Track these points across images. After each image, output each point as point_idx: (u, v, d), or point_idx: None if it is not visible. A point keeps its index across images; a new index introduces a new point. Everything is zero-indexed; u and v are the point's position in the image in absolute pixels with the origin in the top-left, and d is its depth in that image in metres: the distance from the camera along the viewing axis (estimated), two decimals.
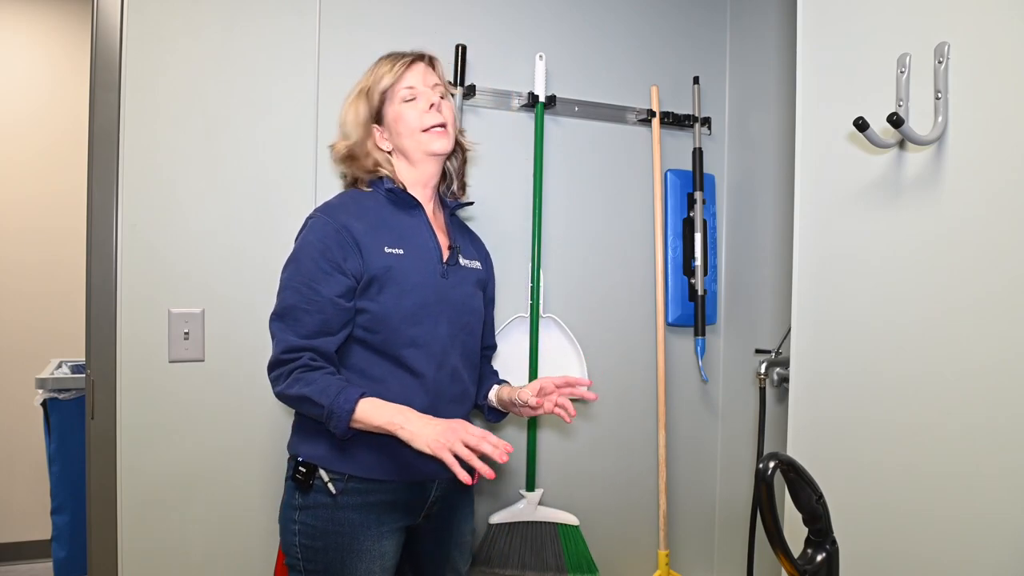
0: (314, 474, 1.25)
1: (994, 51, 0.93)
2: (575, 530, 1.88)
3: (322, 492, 1.25)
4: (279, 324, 1.24)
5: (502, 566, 1.80)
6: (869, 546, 1.09)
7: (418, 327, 1.28)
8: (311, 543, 1.25)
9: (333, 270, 1.24)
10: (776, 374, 1.84)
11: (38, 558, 3.04)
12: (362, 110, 1.36)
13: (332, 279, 1.23)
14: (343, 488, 1.25)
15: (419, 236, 1.34)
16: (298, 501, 1.26)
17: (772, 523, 0.74)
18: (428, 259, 1.32)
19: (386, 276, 1.26)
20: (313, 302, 1.22)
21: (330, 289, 1.23)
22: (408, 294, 1.27)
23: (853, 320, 1.13)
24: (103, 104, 1.54)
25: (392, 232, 1.31)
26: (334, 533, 1.24)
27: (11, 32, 3.08)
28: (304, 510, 1.26)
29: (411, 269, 1.29)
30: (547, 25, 1.94)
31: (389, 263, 1.27)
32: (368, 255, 1.26)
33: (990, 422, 0.93)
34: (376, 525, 1.26)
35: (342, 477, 1.25)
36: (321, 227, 1.26)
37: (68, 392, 2.24)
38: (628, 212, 2.05)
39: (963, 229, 0.96)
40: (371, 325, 1.26)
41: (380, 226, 1.30)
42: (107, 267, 1.55)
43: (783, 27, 1.98)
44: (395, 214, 1.34)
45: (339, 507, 1.25)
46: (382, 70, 1.35)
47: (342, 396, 1.18)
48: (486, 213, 1.87)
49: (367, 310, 1.26)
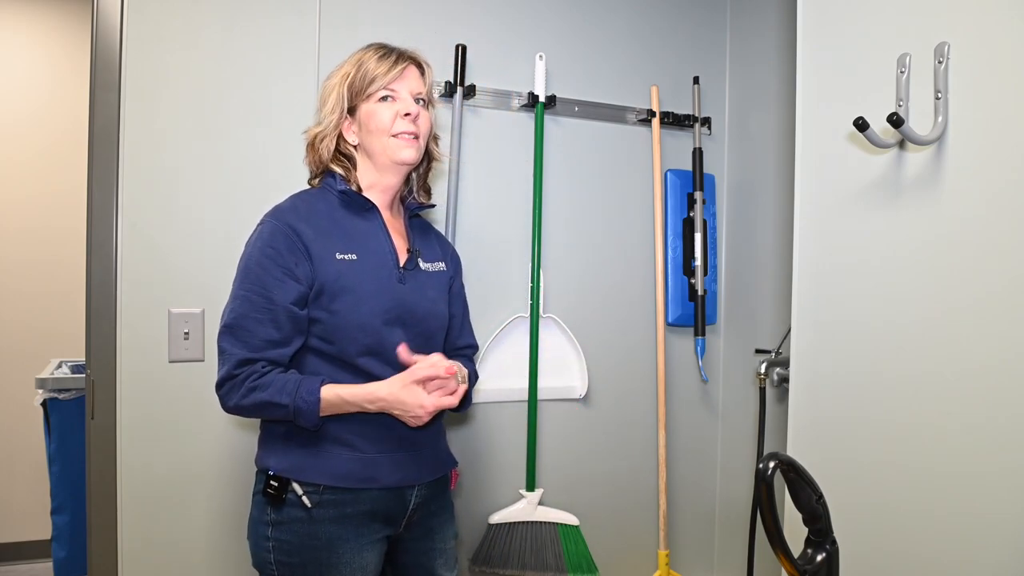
0: (286, 487, 1.20)
1: (994, 51, 0.93)
2: (575, 530, 1.88)
3: (296, 506, 1.20)
4: (229, 338, 1.17)
5: (502, 566, 1.80)
6: (869, 546, 1.09)
7: (375, 335, 1.23)
8: (287, 559, 1.20)
9: (285, 276, 1.18)
10: (776, 374, 1.84)
11: (38, 558, 3.04)
12: (341, 97, 1.28)
13: (285, 285, 1.18)
14: (318, 500, 1.20)
15: (373, 240, 1.28)
16: (270, 516, 1.21)
17: (772, 523, 0.74)
18: (383, 264, 1.27)
19: (337, 284, 1.21)
20: (265, 310, 1.17)
21: (283, 296, 1.18)
22: (363, 302, 1.22)
23: (853, 320, 1.13)
24: (103, 104, 1.54)
25: (344, 237, 1.25)
26: (311, 548, 1.19)
27: (11, 32, 3.08)
28: (278, 526, 1.20)
29: (365, 275, 1.23)
30: (547, 25, 1.94)
31: (340, 270, 1.21)
32: (318, 262, 1.21)
33: (990, 422, 0.93)
34: (355, 537, 1.22)
35: (316, 489, 1.20)
36: (270, 232, 1.21)
37: (68, 392, 2.24)
38: (628, 212, 2.05)
39: (963, 229, 0.96)
40: (325, 335, 1.22)
41: (331, 230, 1.24)
42: (107, 267, 1.55)
43: (783, 27, 1.98)
44: (348, 217, 1.28)
45: (315, 520, 1.20)
46: (371, 64, 1.27)
47: (303, 389, 1.16)
48: (486, 213, 1.87)
49: (320, 320, 1.21)
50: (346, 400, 1.19)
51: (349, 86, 1.28)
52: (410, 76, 1.31)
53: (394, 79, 1.28)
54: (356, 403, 1.19)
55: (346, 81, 1.28)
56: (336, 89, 1.29)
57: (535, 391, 1.88)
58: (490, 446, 1.89)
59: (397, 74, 1.28)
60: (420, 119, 1.30)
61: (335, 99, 1.29)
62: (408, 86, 1.30)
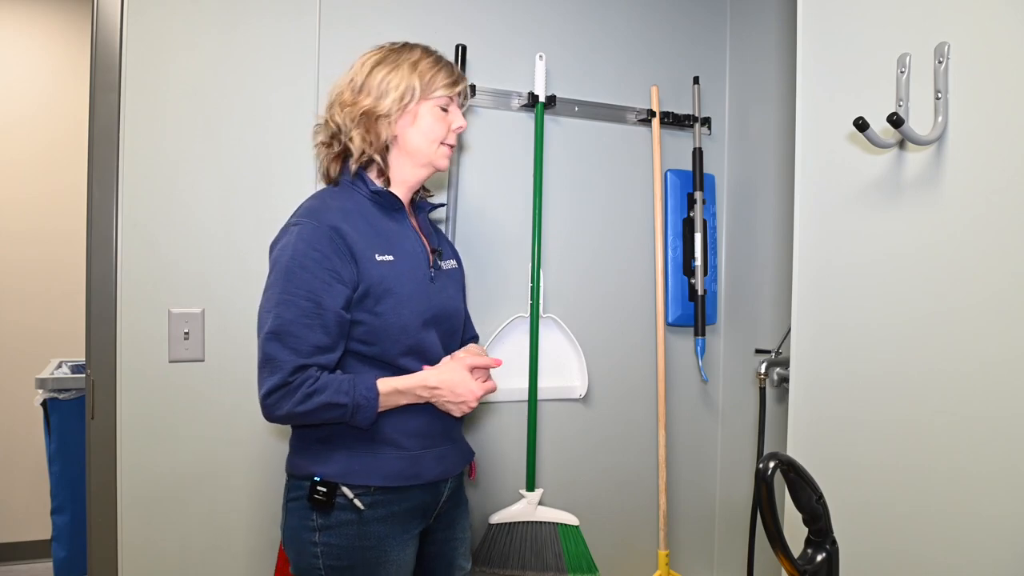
0: (335, 492, 1.20)
1: (994, 51, 0.93)
2: (575, 530, 1.88)
3: (347, 509, 1.20)
4: (276, 345, 1.14)
5: (502, 566, 1.80)
6: (869, 546, 1.09)
7: (415, 336, 1.25)
8: (337, 563, 1.20)
9: (333, 280, 1.17)
10: (776, 374, 1.84)
11: (38, 558, 3.04)
12: (413, 88, 1.26)
13: (333, 290, 1.17)
14: (370, 501, 1.21)
15: (407, 241, 1.29)
16: (317, 522, 1.20)
17: (772, 523, 0.74)
18: (417, 265, 1.29)
19: (381, 287, 1.21)
20: (315, 316, 1.15)
21: (333, 300, 1.16)
22: (404, 304, 1.23)
23: (853, 320, 1.13)
24: (103, 104, 1.54)
25: (380, 238, 1.25)
26: (361, 548, 1.20)
27: (11, 32, 3.08)
28: (326, 531, 1.20)
29: (403, 277, 1.24)
30: (547, 25, 1.94)
31: (383, 272, 1.22)
32: (362, 264, 1.20)
33: (990, 422, 0.93)
34: (400, 533, 1.24)
35: (368, 490, 1.21)
36: (311, 233, 1.18)
37: (68, 392, 2.24)
38: (628, 212, 2.05)
39: (963, 229, 0.96)
40: (367, 337, 1.22)
41: (368, 232, 1.24)
42: (107, 267, 1.55)
43: (783, 27, 1.98)
44: (380, 218, 1.28)
45: (365, 522, 1.21)
46: (439, 73, 1.29)
47: (360, 386, 1.17)
48: (486, 213, 1.87)
49: (364, 323, 1.21)
50: (400, 391, 1.21)
51: (419, 82, 1.28)
52: (462, 95, 1.37)
53: (456, 87, 1.33)
54: (410, 392, 1.22)
55: (415, 74, 1.27)
56: (408, 80, 1.27)
57: (535, 391, 1.88)
58: (490, 446, 1.89)
59: (460, 91, 1.34)
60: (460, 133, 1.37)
61: (405, 88, 1.26)
62: (460, 103, 1.37)
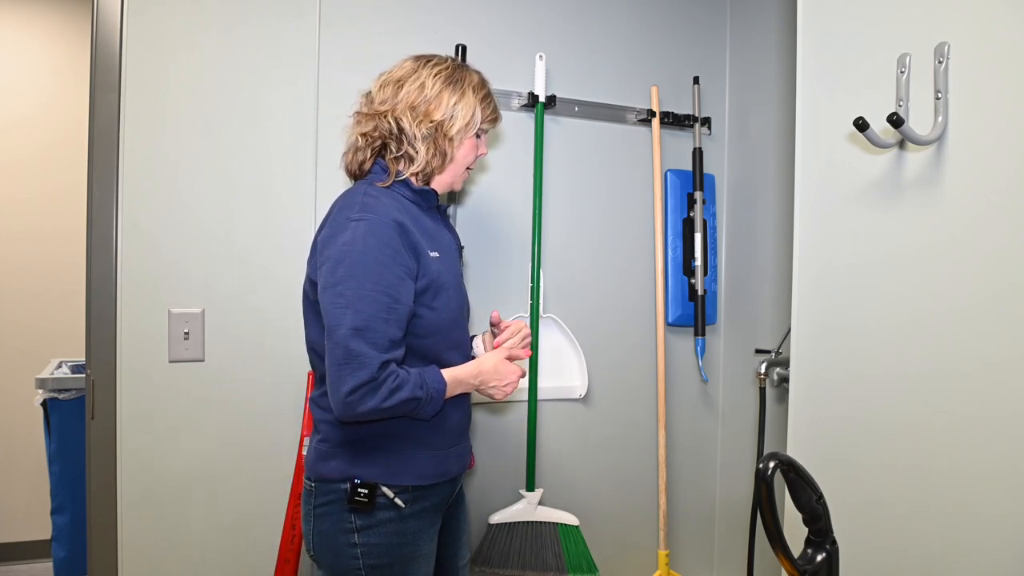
0: (375, 493, 1.22)
1: (994, 51, 0.93)
2: (575, 530, 1.88)
3: (387, 508, 1.23)
4: (360, 341, 1.13)
5: (502, 566, 1.80)
6: (869, 546, 1.09)
7: (459, 330, 1.33)
8: (378, 562, 1.22)
9: (406, 275, 1.19)
10: (776, 374, 1.84)
11: (38, 558, 3.04)
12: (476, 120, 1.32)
13: (406, 285, 1.19)
14: (409, 499, 1.24)
15: (444, 238, 1.35)
16: (356, 524, 1.21)
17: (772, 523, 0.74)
18: (455, 261, 1.36)
19: (438, 281, 1.25)
20: (392, 311, 1.16)
21: (408, 296, 1.19)
22: (453, 298, 1.29)
23: (853, 320, 1.13)
24: (103, 104, 1.54)
25: (427, 234, 1.28)
26: (399, 545, 1.23)
27: (11, 32, 3.08)
28: (366, 531, 1.22)
29: (448, 272, 1.29)
30: (547, 25, 1.94)
31: (438, 268, 1.26)
32: (423, 259, 1.23)
33: (990, 422, 0.93)
34: (429, 528, 1.29)
35: (406, 489, 1.24)
36: (382, 229, 1.18)
37: (68, 392, 2.24)
38: (628, 212, 2.05)
39: (963, 229, 0.96)
40: (423, 331, 1.24)
41: (420, 228, 1.27)
42: (107, 267, 1.55)
43: (783, 27, 1.98)
44: (422, 216, 1.31)
45: (404, 518, 1.24)
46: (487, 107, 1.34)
47: (429, 379, 1.21)
48: (486, 213, 1.87)
49: (422, 316, 1.23)
50: (458, 379, 1.27)
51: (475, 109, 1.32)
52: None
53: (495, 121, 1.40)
54: (467, 380, 1.28)
55: (477, 108, 1.32)
56: (471, 112, 1.31)
57: (535, 391, 1.88)
58: (490, 446, 1.89)
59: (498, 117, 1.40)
60: None
61: (470, 120, 1.32)
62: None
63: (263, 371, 1.65)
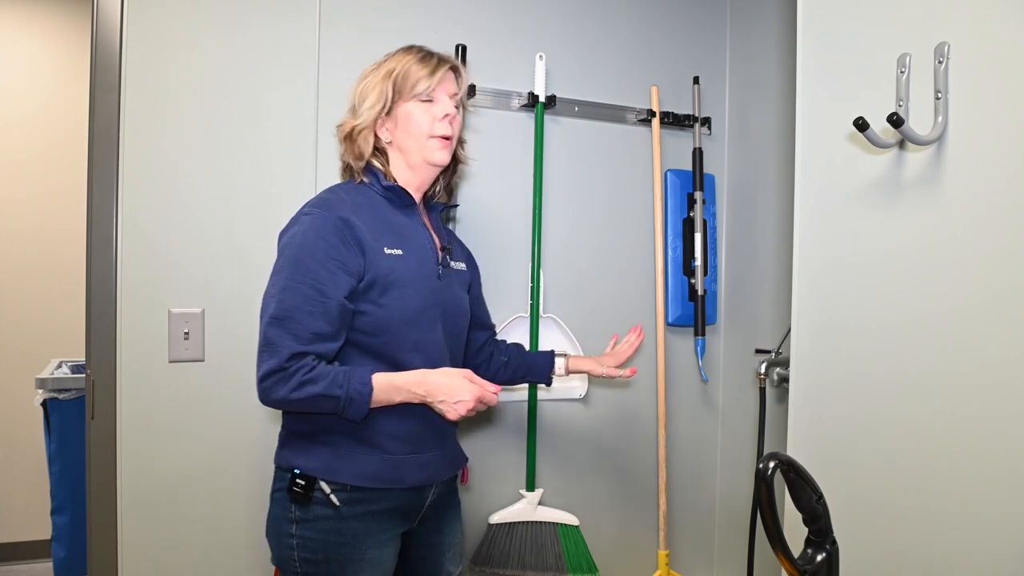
0: (313, 486, 1.21)
1: (994, 51, 0.93)
2: (575, 530, 1.88)
3: (323, 504, 1.21)
4: (278, 330, 1.16)
5: (502, 566, 1.80)
6: (869, 546, 1.09)
7: (418, 331, 1.26)
8: (312, 556, 1.21)
9: (339, 269, 1.19)
10: (776, 374, 1.84)
11: (38, 558, 3.04)
12: (384, 94, 1.30)
13: (338, 279, 1.18)
14: (346, 499, 1.22)
15: (417, 236, 1.32)
16: (295, 515, 1.22)
17: (772, 523, 0.74)
18: (426, 260, 1.30)
19: (388, 278, 1.23)
20: (318, 303, 1.17)
21: (337, 290, 1.18)
22: (409, 297, 1.25)
23: (853, 320, 1.13)
24: (103, 104, 1.54)
25: (391, 231, 1.27)
26: (336, 544, 1.21)
27: (11, 32, 3.08)
28: (303, 523, 1.22)
29: (411, 271, 1.26)
30: (547, 25, 1.94)
31: (391, 265, 1.24)
32: (370, 255, 1.22)
33: (990, 422, 0.93)
34: (377, 533, 1.24)
35: (344, 488, 1.22)
36: (321, 224, 1.20)
37: (68, 392, 2.24)
38: (628, 212, 2.05)
39: (963, 229, 0.96)
40: (371, 328, 1.23)
41: (379, 225, 1.26)
42: (107, 267, 1.55)
43: (783, 27, 1.98)
44: (391, 212, 1.31)
45: (342, 518, 1.22)
46: (414, 67, 1.30)
47: (355, 381, 1.17)
48: (486, 213, 1.87)
49: (368, 313, 1.23)
50: (396, 386, 1.21)
51: (394, 81, 1.31)
52: (448, 80, 1.34)
53: (436, 83, 1.31)
54: (406, 388, 1.21)
55: (390, 79, 1.31)
56: (379, 86, 1.31)
57: (535, 391, 1.88)
58: (490, 446, 1.89)
59: (439, 78, 1.32)
60: (455, 122, 1.34)
61: (377, 95, 1.30)
62: (446, 89, 1.33)
63: None
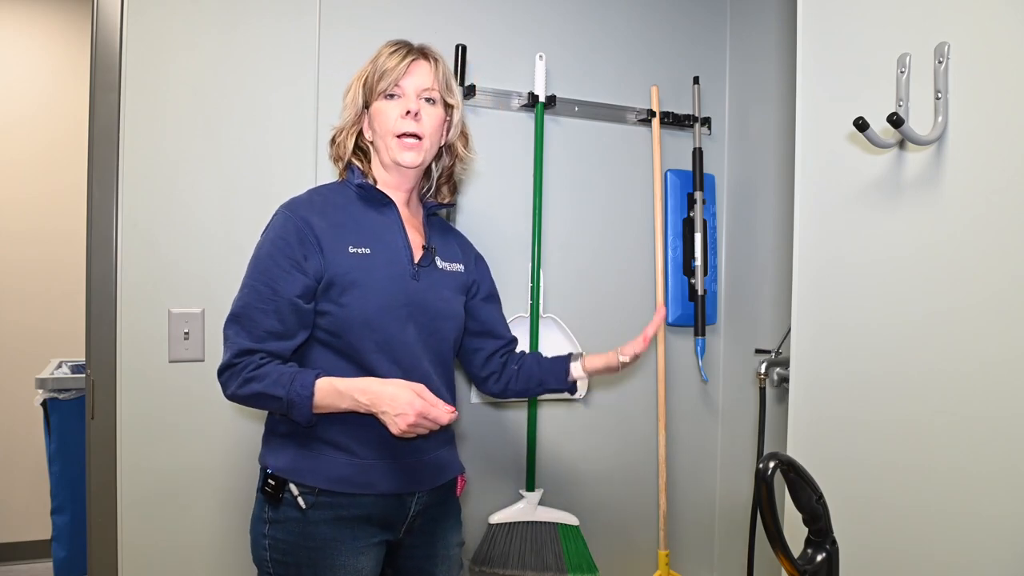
0: (283, 487, 1.19)
1: (994, 51, 0.93)
2: (575, 530, 1.88)
3: (292, 506, 1.19)
4: (235, 327, 1.18)
5: (502, 566, 1.80)
6: (869, 546, 1.09)
7: (383, 331, 1.21)
8: (282, 558, 1.20)
9: (292, 268, 1.18)
10: (776, 374, 1.84)
11: (38, 558, 3.04)
12: (357, 94, 1.31)
13: (291, 277, 1.18)
14: (313, 502, 1.19)
15: (388, 235, 1.27)
16: (268, 515, 1.21)
17: (772, 523, 0.74)
18: (397, 260, 1.26)
19: (348, 278, 1.20)
20: (270, 301, 1.17)
21: (289, 288, 1.17)
22: (372, 296, 1.20)
23: (853, 320, 1.13)
24: (103, 104, 1.54)
25: (359, 230, 1.24)
26: (305, 548, 1.19)
27: (11, 32, 3.09)
28: (274, 524, 1.20)
29: (377, 269, 1.22)
30: (547, 25, 1.94)
31: (352, 264, 1.21)
32: (329, 255, 1.20)
33: (990, 422, 0.93)
34: (350, 540, 1.20)
35: (312, 491, 1.19)
36: (282, 223, 1.21)
37: (68, 392, 2.24)
38: (628, 212, 2.05)
39: (963, 229, 0.96)
40: (334, 328, 1.21)
41: (346, 224, 1.24)
42: (107, 267, 1.55)
43: (783, 27, 1.98)
44: (364, 211, 1.28)
45: (309, 522, 1.19)
46: (382, 60, 1.28)
47: (297, 382, 1.14)
48: (486, 213, 1.87)
49: (329, 312, 1.20)
50: (339, 390, 1.15)
51: (364, 82, 1.30)
52: (417, 72, 1.27)
53: (401, 75, 1.26)
54: (349, 394, 1.15)
55: (362, 78, 1.30)
56: (354, 86, 1.32)
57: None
58: (490, 446, 1.89)
59: (403, 70, 1.26)
60: (423, 117, 1.26)
61: (352, 96, 1.32)
62: (415, 83, 1.27)
63: None
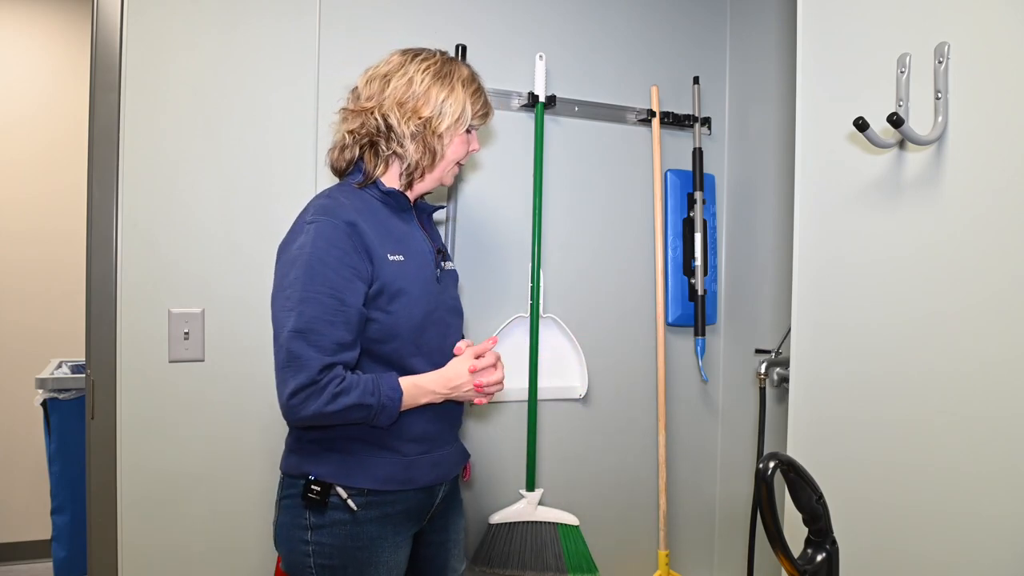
0: (329, 492, 1.20)
1: (994, 51, 0.93)
2: (575, 530, 1.88)
3: (340, 509, 1.20)
4: (302, 343, 1.12)
5: (502, 566, 1.80)
6: (869, 546, 1.09)
7: (424, 335, 1.26)
8: (328, 562, 1.20)
9: (354, 276, 1.17)
10: (776, 374, 1.84)
11: (38, 558, 3.04)
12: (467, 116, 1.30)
13: (354, 287, 1.17)
14: (363, 503, 1.21)
15: (415, 241, 1.30)
16: (310, 521, 1.21)
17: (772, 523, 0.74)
18: (426, 265, 1.29)
19: (395, 285, 1.22)
20: (339, 313, 1.14)
21: (355, 298, 1.17)
22: (416, 303, 1.24)
23: (853, 320, 1.13)
24: (103, 104, 1.54)
25: (391, 237, 1.26)
26: (353, 549, 1.20)
27: (11, 32, 3.08)
28: (318, 529, 1.20)
29: (413, 276, 1.25)
30: (547, 25, 1.94)
31: (395, 271, 1.22)
32: (378, 262, 1.20)
33: (990, 422, 0.93)
34: (393, 536, 1.24)
35: (361, 492, 1.21)
36: (331, 230, 1.17)
37: (68, 392, 2.24)
38: (628, 212, 2.05)
39: (963, 229, 0.96)
40: (380, 336, 1.22)
41: (381, 231, 1.24)
42: (107, 267, 1.55)
43: (783, 27, 1.98)
44: (390, 218, 1.29)
45: (359, 522, 1.21)
46: (477, 101, 1.31)
47: (384, 386, 1.17)
48: (486, 213, 1.87)
49: (377, 320, 1.21)
50: (421, 387, 1.22)
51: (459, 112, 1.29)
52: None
53: (487, 114, 1.36)
54: (429, 388, 1.23)
55: (467, 104, 1.30)
56: (461, 108, 1.29)
57: (535, 391, 1.88)
58: (490, 446, 1.89)
59: (490, 109, 1.36)
60: None
61: (460, 117, 1.29)
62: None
63: (263, 371, 1.64)
